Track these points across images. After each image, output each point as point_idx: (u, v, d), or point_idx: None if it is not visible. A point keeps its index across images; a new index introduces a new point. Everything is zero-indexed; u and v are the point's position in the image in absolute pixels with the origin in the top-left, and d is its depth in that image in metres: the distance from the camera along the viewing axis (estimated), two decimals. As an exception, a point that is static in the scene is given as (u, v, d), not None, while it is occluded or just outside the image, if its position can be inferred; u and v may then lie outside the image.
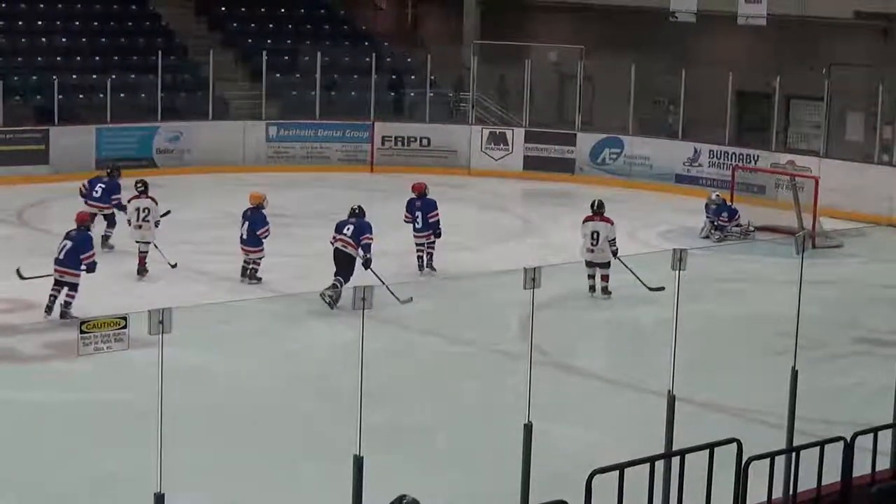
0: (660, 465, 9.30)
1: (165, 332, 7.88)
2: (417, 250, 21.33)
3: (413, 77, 35.63)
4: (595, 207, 20.12)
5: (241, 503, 11.81)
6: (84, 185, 23.14)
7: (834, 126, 30.57)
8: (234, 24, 36.80)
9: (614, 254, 19.53)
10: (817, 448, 9.76)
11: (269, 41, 35.34)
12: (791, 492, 9.82)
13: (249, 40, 35.68)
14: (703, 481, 9.26)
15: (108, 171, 23.64)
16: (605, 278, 19.71)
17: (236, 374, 15.74)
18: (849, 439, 9.91)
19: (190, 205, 25.05)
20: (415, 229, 21.29)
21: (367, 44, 36.96)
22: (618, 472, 8.76)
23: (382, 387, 12.32)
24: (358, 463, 8.51)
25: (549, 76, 36.34)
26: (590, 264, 19.80)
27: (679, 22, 32.74)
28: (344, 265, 19.08)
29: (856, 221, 26.73)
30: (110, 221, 22.75)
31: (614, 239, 19.73)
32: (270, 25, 37.11)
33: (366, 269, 19.00)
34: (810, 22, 30.70)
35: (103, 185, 22.92)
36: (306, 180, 26.94)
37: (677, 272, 9.79)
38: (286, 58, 34.91)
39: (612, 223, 19.88)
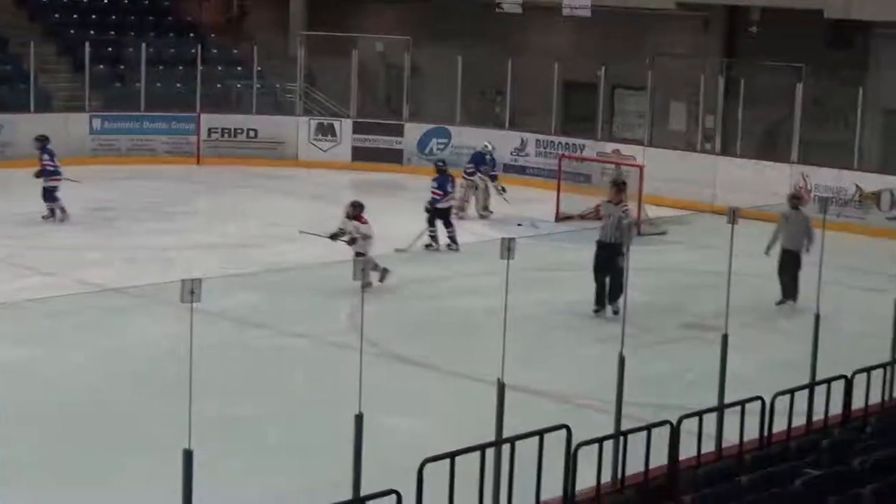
0: (490, 452, 9.33)
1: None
2: None
3: (239, 68, 35.36)
4: None
5: (66, 502, 11.58)
6: None
7: (657, 115, 31.06)
8: (56, 16, 36.11)
9: None
10: (644, 432, 9.89)
11: (92, 32, 34.76)
12: (620, 475, 9.94)
13: (72, 31, 35.06)
14: (534, 467, 9.31)
15: None
16: None
17: (61, 370, 15.42)
18: (675, 423, 10.05)
19: (11, 199, 24.50)
20: None
21: (192, 35, 36.59)
22: (449, 460, 8.76)
23: (212, 380, 12.17)
24: (187, 457, 8.39)
25: (377, 67, 36.34)
26: None
27: (505, 13, 32.97)
28: None
29: (680, 209, 27.18)
30: None
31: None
32: (93, 16, 36.49)
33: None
34: (634, 13, 31.12)
35: None
36: (132, 173, 26.54)
37: (507, 261, 9.81)
38: (110, 49, 34.42)
39: None
